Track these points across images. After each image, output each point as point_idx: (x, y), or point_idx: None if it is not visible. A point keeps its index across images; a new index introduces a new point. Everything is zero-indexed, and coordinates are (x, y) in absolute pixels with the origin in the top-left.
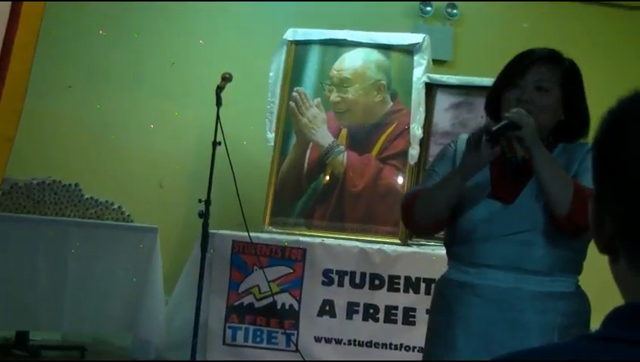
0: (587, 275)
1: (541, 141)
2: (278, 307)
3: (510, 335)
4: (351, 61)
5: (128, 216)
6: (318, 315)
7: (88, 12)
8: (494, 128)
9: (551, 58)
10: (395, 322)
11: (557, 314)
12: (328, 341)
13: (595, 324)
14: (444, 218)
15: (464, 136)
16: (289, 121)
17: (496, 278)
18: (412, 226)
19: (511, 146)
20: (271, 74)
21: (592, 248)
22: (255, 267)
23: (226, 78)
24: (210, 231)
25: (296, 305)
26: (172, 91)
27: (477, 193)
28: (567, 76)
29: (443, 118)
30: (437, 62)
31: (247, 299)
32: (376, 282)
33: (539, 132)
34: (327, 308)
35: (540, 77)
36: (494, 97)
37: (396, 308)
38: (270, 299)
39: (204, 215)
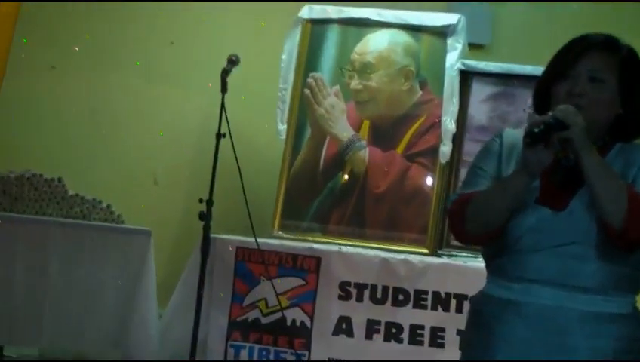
0: None
1: (596, 140)
2: (288, 323)
3: (555, 360)
4: (375, 43)
5: (118, 216)
6: (333, 334)
7: None
8: (536, 129)
9: (606, 45)
10: (421, 344)
11: (609, 338)
12: None
13: None
14: (502, 225)
15: (510, 131)
16: (303, 111)
17: (543, 296)
18: (463, 237)
19: (563, 145)
20: (283, 57)
21: None
22: (262, 277)
23: (233, 61)
24: (212, 235)
25: (308, 322)
26: (170, 74)
27: (525, 197)
28: (625, 65)
29: (479, 111)
30: (473, 47)
31: (252, 314)
32: (401, 297)
33: (592, 130)
34: (344, 326)
35: (594, 66)
36: (543, 91)
37: (422, 327)
38: (279, 315)
39: (206, 217)
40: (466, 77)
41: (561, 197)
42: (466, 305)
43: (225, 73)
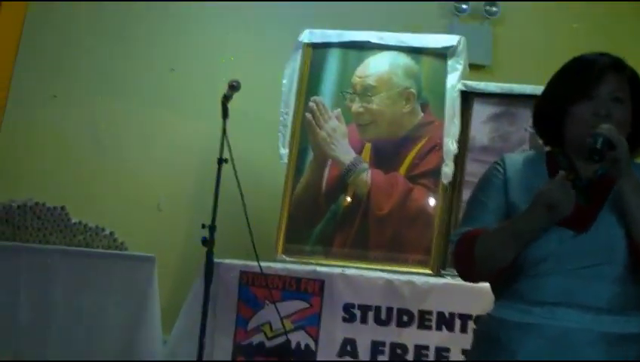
0: None
1: None
2: (293, 347)
3: None
4: (375, 66)
5: (121, 243)
6: (338, 356)
7: (76, 11)
8: (599, 146)
9: (619, 66)
10: None
11: (629, 357)
12: None
13: None
14: (510, 263)
15: (512, 156)
16: (305, 135)
17: (567, 318)
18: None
19: (572, 167)
20: (284, 81)
21: None
22: (266, 301)
23: (234, 87)
24: (215, 260)
25: (313, 345)
26: (172, 101)
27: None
28: (634, 85)
29: (481, 131)
30: (474, 68)
31: (257, 338)
32: (405, 318)
33: None
34: (349, 348)
35: (615, 87)
36: (553, 111)
37: (427, 347)
38: (283, 338)
39: (209, 242)
40: (467, 97)
41: (583, 218)
42: (471, 325)
43: (226, 99)
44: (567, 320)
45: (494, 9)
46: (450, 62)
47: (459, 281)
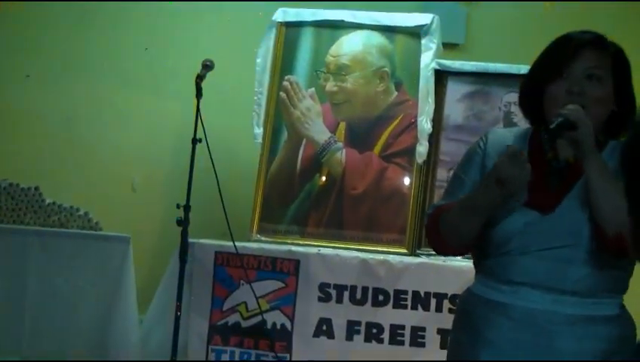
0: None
1: (594, 139)
2: (269, 326)
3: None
4: (349, 45)
5: (96, 223)
6: (313, 336)
7: None
8: (553, 126)
9: (598, 43)
10: (402, 343)
11: (597, 340)
12: None
13: None
14: (477, 236)
15: (496, 131)
16: (279, 115)
17: (531, 298)
18: (441, 250)
19: (553, 146)
20: (258, 60)
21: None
22: (241, 281)
23: (207, 66)
24: (190, 240)
25: (288, 325)
26: (145, 81)
27: (512, 200)
28: (617, 62)
29: (455, 110)
30: (448, 46)
31: (232, 318)
32: (380, 298)
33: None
34: (325, 327)
35: (590, 64)
36: (532, 90)
37: (403, 327)
38: (259, 318)
39: (183, 222)
40: (441, 76)
41: (550, 200)
42: (446, 304)
43: (199, 78)
44: (530, 301)
45: None
46: (423, 41)
47: (434, 260)
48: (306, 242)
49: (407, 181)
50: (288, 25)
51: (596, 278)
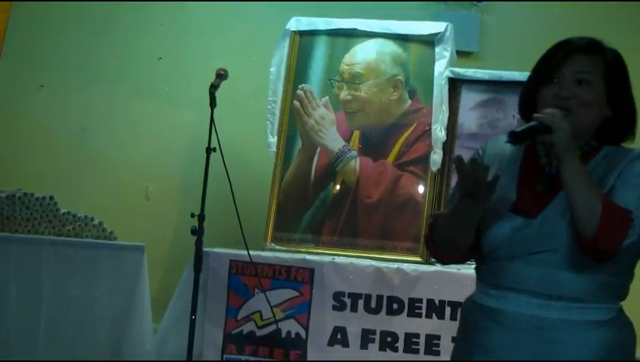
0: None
1: (583, 145)
2: (283, 335)
3: None
4: (363, 54)
5: (110, 233)
6: (328, 345)
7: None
8: (519, 130)
9: (591, 48)
10: (416, 352)
11: (584, 345)
12: None
13: None
14: (469, 245)
15: (496, 139)
16: (293, 123)
17: (518, 303)
18: (440, 259)
19: (548, 152)
20: (272, 69)
21: None
22: (256, 290)
23: (221, 75)
24: (205, 249)
25: (303, 333)
26: (159, 91)
27: (501, 206)
28: (611, 67)
29: (469, 118)
30: (462, 55)
31: (247, 327)
32: (395, 306)
33: (580, 133)
34: (339, 336)
35: (580, 68)
36: (529, 96)
37: (418, 335)
38: (273, 327)
39: (198, 231)
40: (455, 85)
41: (537, 205)
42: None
43: (213, 88)
44: (518, 306)
45: None
46: (437, 50)
47: (448, 269)
48: (321, 251)
49: (421, 189)
50: (302, 34)
51: (581, 282)
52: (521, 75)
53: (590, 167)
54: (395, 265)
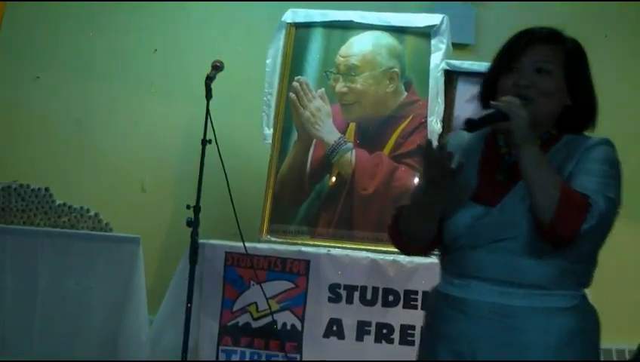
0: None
1: (542, 133)
2: (279, 327)
3: (495, 356)
4: (359, 46)
5: (106, 224)
6: (324, 336)
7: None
8: (476, 118)
9: (551, 38)
10: (412, 344)
11: (547, 332)
12: None
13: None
14: (433, 235)
15: (461, 133)
16: (289, 115)
17: (481, 291)
18: (404, 250)
19: (508, 142)
20: (268, 61)
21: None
22: (252, 282)
23: (217, 67)
24: (200, 241)
25: (299, 325)
26: (155, 82)
27: (463, 195)
28: (571, 57)
29: (465, 110)
30: (457, 47)
31: (242, 319)
32: (391, 298)
33: (540, 122)
34: (335, 328)
35: (539, 58)
36: (489, 85)
37: (413, 327)
38: (269, 319)
39: (193, 223)
40: (451, 77)
41: (497, 194)
42: None
43: (209, 79)
44: (481, 294)
45: None
46: (433, 42)
47: None
48: (316, 242)
49: (417, 181)
50: (298, 26)
51: (543, 269)
52: None
53: (550, 154)
54: (391, 257)
